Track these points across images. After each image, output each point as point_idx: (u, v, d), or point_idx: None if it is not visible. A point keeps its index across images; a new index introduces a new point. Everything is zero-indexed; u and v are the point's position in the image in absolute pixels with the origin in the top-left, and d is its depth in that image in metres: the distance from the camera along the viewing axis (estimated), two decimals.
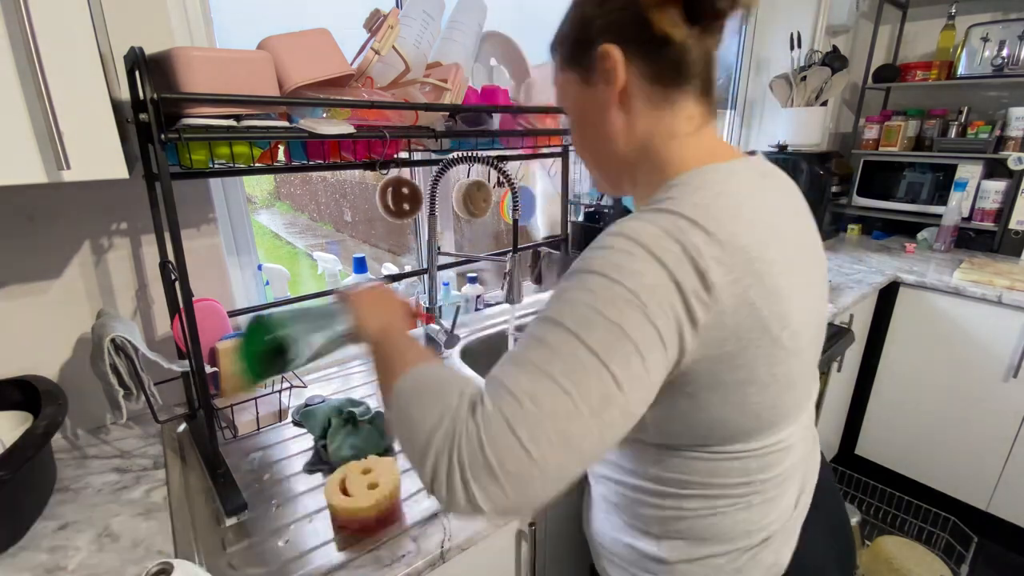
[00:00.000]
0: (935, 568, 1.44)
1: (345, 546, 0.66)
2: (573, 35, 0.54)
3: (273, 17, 1.17)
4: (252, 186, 1.31)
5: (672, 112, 0.52)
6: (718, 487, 0.53)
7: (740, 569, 0.56)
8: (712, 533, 0.55)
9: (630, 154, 0.54)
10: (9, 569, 0.60)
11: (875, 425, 1.95)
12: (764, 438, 0.52)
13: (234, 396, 0.85)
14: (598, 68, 0.51)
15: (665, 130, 0.52)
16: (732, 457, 0.52)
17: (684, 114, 0.52)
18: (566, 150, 1.42)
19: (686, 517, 0.55)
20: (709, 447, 0.51)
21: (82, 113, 0.58)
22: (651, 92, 0.51)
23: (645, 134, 0.52)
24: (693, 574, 0.57)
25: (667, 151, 0.52)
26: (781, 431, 0.53)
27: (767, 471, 0.54)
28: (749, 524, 0.55)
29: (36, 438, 0.62)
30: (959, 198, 1.94)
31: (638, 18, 0.48)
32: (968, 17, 2.00)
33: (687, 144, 0.52)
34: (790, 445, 0.56)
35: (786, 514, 0.58)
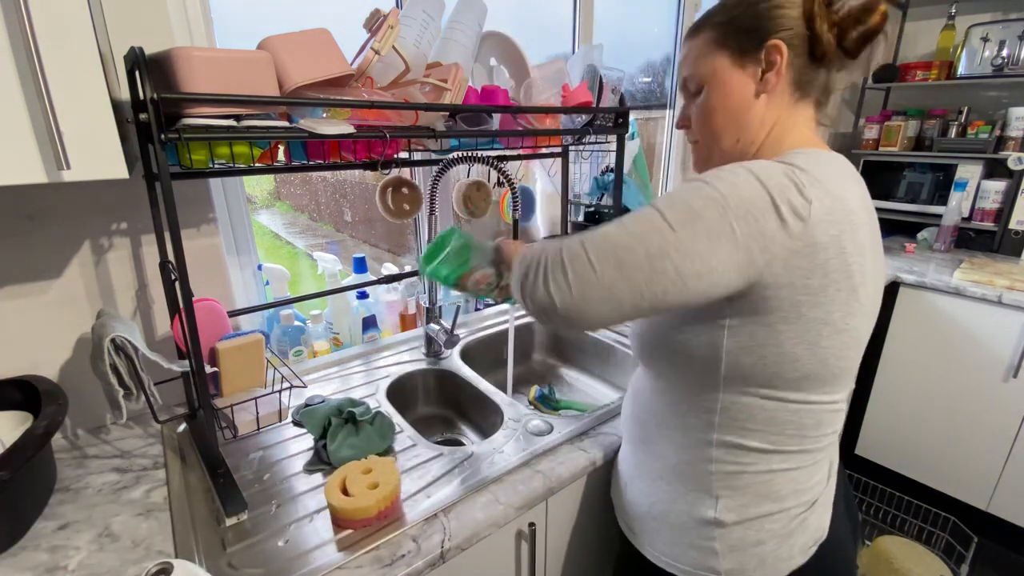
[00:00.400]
0: (935, 568, 1.44)
1: (345, 546, 0.66)
2: (747, 22, 0.59)
3: (273, 17, 1.17)
4: (252, 186, 1.31)
5: (799, 112, 0.61)
6: (775, 438, 0.58)
7: (792, 532, 0.61)
8: (767, 491, 0.60)
9: (758, 137, 0.61)
10: (9, 569, 0.60)
11: (875, 425, 1.95)
12: (825, 392, 0.57)
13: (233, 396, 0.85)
14: (762, 57, 0.59)
15: (791, 123, 0.61)
16: (792, 406, 0.57)
17: (805, 115, 0.61)
18: (566, 150, 1.42)
19: (744, 472, 0.60)
20: (775, 389, 0.56)
21: (82, 113, 0.58)
22: (791, 92, 0.60)
23: (775, 124, 0.61)
24: (748, 539, 0.61)
25: (787, 136, 0.60)
26: (837, 391, 0.59)
27: (818, 429, 0.60)
28: (798, 483, 0.61)
29: (36, 438, 0.62)
30: (959, 198, 1.94)
31: (810, 32, 0.57)
32: (968, 17, 2.00)
33: (803, 135, 0.61)
34: (840, 411, 0.61)
35: (823, 481, 0.63)
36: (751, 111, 0.60)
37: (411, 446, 0.87)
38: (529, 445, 0.85)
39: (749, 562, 0.61)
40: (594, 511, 0.89)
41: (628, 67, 1.51)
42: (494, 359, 1.27)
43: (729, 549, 0.61)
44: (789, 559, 0.61)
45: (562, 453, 0.84)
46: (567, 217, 1.53)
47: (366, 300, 1.25)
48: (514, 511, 0.73)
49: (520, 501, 0.74)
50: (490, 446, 0.86)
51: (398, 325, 1.34)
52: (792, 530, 0.61)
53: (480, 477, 0.78)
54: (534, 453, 0.83)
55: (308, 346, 1.17)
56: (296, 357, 1.14)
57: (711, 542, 0.62)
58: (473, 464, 0.81)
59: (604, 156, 1.65)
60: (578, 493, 0.85)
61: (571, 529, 0.87)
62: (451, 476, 0.79)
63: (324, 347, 1.18)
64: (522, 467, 0.81)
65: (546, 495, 0.77)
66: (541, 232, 1.69)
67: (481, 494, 0.75)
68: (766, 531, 0.60)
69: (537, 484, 0.77)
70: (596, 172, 1.67)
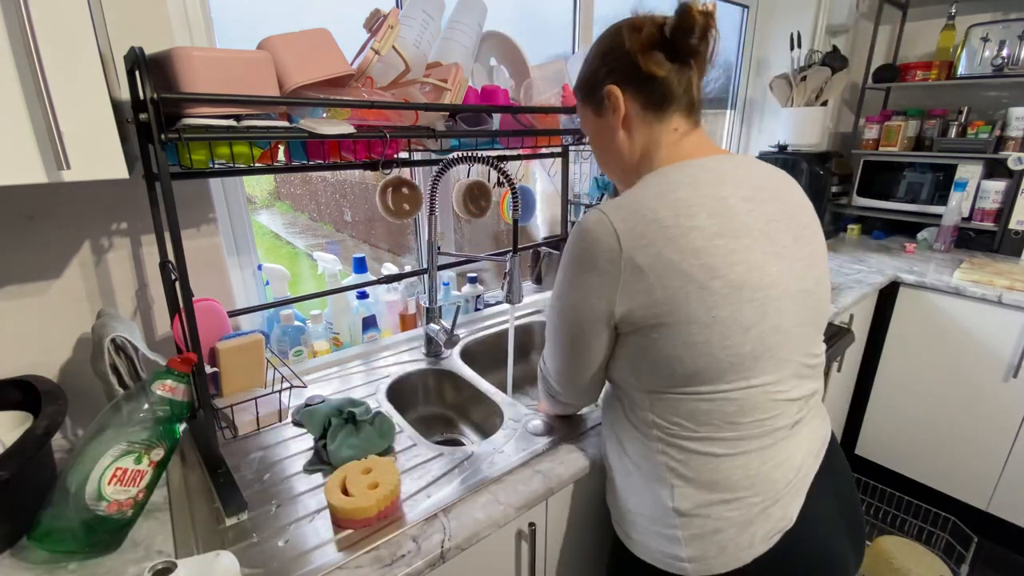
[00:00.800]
0: (935, 568, 1.44)
1: (345, 546, 0.66)
2: (587, 80, 0.72)
3: (273, 17, 1.17)
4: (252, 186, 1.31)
5: (660, 127, 0.69)
6: (705, 427, 0.62)
7: (751, 520, 0.62)
8: (716, 478, 0.63)
9: (631, 162, 0.71)
10: (9, 568, 0.60)
11: (875, 425, 1.95)
12: (732, 381, 0.61)
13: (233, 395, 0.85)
14: (606, 103, 0.69)
15: (654, 141, 0.69)
16: (705, 398, 0.61)
17: (670, 127, 0.69)
18: (566, 150, 1.42)
19: (688, 460, 0.64)
20: (681, 387, 0.62)
21: (82, 113, 0.58)
22: (644, 115, 0.68)
23: (642, 146, 0.70)
24: (707, 527, 0.63)
25: (655, 156, 0.69)
26: (752, 377, 0.61)
27: (748, 415, 0.62)
28: (749, 470, 0.63)
29: (36, 438, 0.62)
30: (959, 198, 1.94)
31: (631, 63, 0.66)
32: (968, 17, 2.00)
33: (670, 150, 0.69)
34: (770, 395, 0.62)
35: (790, 471, 0.64)
36: (619, 144, 0.71)
37: (411, 446, 0.87)
38: (529, 445, 0.86)
39: (709, 549, 0.63)
40: (594, 511, 0.89)
41: None
42: (494, 359, 1.27)
43: (690, 537, 0.63)
44: (750, 547, 0.62)
45: (562, 453, 0.84)
46: (567, 217, 1.53)
47: (366, 300, 1.25)
48: (514, 511, 0.73)
49: (520, 501, 0.74)
50: (490, 446, 0.86)
51: (398, 325, 1.34)
52: (751, 518, 0.62)
53: (480, 477, 0.78)
54: (534, 453, 0.84)
55: (308, 346, 1.17)
56: (296, 357, 1.14)
57: (674, 530, 0.64)
58: (473, 464, 0.81)
59: None
60: (578, 493, 0.85)
61: (571, 529, 0.87)
62: (451, 476, 0.79)
63: (324, 347, 1.18)
64: (522, 467, 0.81)
65: (546, 495, 0.77)
66: (541, 232, 1.69)
67: (481, 494, 0.75)
68: (724, 519, 0.62)
69: (537, 484, 0.77)
70: (596, 172, 1.67)
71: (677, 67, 0.65)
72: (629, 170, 0.72)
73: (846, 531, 0.70)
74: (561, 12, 1.67)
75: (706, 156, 0.66)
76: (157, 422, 0.64)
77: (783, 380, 0.64)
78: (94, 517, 0.60)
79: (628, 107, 0.68)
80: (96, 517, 0.60)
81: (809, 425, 0.69)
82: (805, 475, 0.66)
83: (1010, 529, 1.69)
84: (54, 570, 0.60)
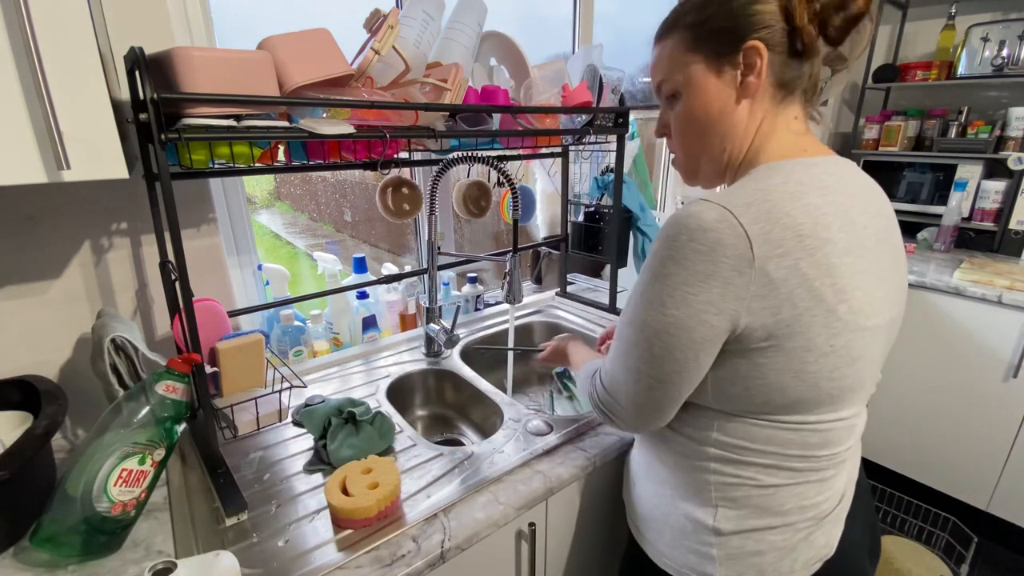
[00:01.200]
0: (935, 568, 1.44)
1: (345, 546, 0.66)
2: (721, 23, 0.56)
3: (273, 17, 1.17)
4: (252, 186, 1.31)
5: (784, 112, 0.58)
6: (776, 456, 0.56)
7: (795, 547, 0.59)
8: (768, 504, 0.58)
9: (744, 143, 0.59)
10: (9, 568, 0.60)
11: (875, 425, 1.95)
12: (824, 412, 0.55)
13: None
14: (740, 60, 0.56)
15: (773, 126, 0.58)
16: (791, 428, 0.55)
17: (791, 115, 0.59)
18: (566, 150, 1.42)
19: (744, 484, 0.58)
20: (768, 415, 0.55)
21: (82, 113, 0.57)
22: (774, 92, 0.57)
23: (761, 127, 0.58)
24: (746, 549, 0.59)
25: (769, 144, 0.58)
26: (842, 409, 0.56)
27: (827, 448, 0.57)
28: (803, 500, 0.58)
29: (36, 438, 0.62)
30: (959, 198, 1.94)
31: (789, 28, 0.55)
32: (968, 17, 2.00)
33: (787, 140, 0.58)
34: (852, 426, 0.59)
35: (836, 497, 0.61)
36: (733, 118, 0.58)
37: (411, 446, 0.87)
38: (529, 445, 0.85)
39: (747, 572, 0.59)
40: (594, 511, 0.89)
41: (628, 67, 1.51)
42: (494, 359, 1.27)
43: (726, 557, 0.60)
44: (790, 573, 0.59)
45: (562, 453, 0.84)
46: (567, 217, 1.53)
47: (366, 300, 1.25)
48: (514, 511, 0.73)
49: (520, 501, 0.74)
50: (490, 446, 0.86)
51: (398, 325, 1.34)
52: (795, 544, 0.59)
53: (480, 477, 0.78)
54: (534, 453, 0.83)
55: (308, 346, 1.17)
56: (296, 357, 1.14)
57: (709, 548, 0.60)
58: (473, 464, 0.81)
59: (604, 156, 1.65)
60: (578, 493, 0.85)
61: (571, 529, 0.87)
62: (451, 476, 0.79)
63: (324, 347, 1.18)
64: (522, 467, 0.81)
65: (546, 495, 0.77)
66: (541, 232, 1.69)
67: (481, 494, 0.75)
68: (767, 543, 0.59)
69: (537, 484, 0.77)
70: (596, 172, 1.67)
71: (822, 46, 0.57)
72: (735, 153, 0.59)
73: (868, 550, 0.69)
74: (561, 12, 1.67)
75: (822, 155, 0.58)
76: (158, 422, 0.65)
77: (860, 412, 0.61)
78: (99, 518, 0.60)
79: (764, 75, 0.56)
80: (101, 518, 0.60)
81: (854, 451, 0.65)
82: (846, 502, 0.63)
83: (1010, 529, 1.69)
84: (54, 570, 0.60)
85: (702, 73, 0.58)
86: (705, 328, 0.51)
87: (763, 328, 0.50)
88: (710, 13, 0.56)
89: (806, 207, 0.51)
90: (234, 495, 0.72)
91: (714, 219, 0.49)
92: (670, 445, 0.64)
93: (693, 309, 0.51)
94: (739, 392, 0.54)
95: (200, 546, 0.67)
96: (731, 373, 0.54)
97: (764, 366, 0.52)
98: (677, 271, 0.51)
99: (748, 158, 0.59)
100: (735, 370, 0.53)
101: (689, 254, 0.50)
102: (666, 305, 0.52)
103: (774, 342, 0.51)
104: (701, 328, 0.51)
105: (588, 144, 1.32)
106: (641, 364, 0.56)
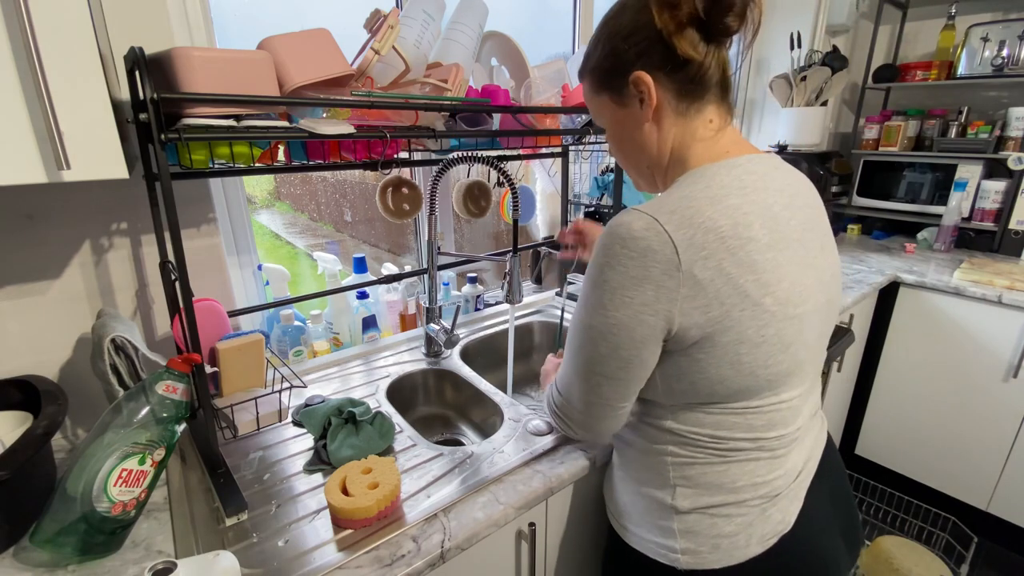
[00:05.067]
0: (935, 568, 1.44)
1: (345, 546, 0.66)
2: (606, 65, 0.62)
3: (273, 17, 1.17)
4: (252, 186, 1.31)
5: (696, 119, 0.61)
6: (726, 439, 0.61)
7: (750, 523, 0.62)
8: (720, 482, 0.62)
9: (662, 158, 0.64)
10: (9, 569, 0.60)
11: (875, 425, 1.95)
12: (766, 397, 0.59)
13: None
14: (632, 92, 0.60)
15: (690, 135, 0.61)
16: (736, 413, 0.59)
17: (705, 119, 0.61)
18: (566, 150, 1.42)
19: (696, 464, 0.62)
20: (714, 404, 0.59)
21: (82, 113, 0.58)
22: (677, 105, 0.60)
23: (674, 141, 0.62)
24: (703, 524, 0.62)
25: (689, 152, 0.62)
26: (783, 392, 0.60)
27: (773, 429, 0.61)
28: (755, 477, 0.62)
29: (36, 438, 0.62)
30: (959, 198, 1.94)
31: (663, 46, 0.57)
32: (968, 17, 2.00)
33: (705, 146, 0.61)
34: (795, 408, 0.62)
35: (791, 475, 0.64)
36: (646, 138, 0.63)
37: (411, 446, 0.87)
38: (529, 445, 0.85)
39: (703, 545, 0.63)
40: (594, 511, 0.89)
41: None
42: (494, 359, 1.27)
43: (686, 530, 0.63)
44: (746, 547, 0.62)
45: (562, 453, 0.84)
46: (567, 217, 1.53)
47: (366, 300, 1.25)
48: (514, 511, 0.73)
49: (520, 501, 0.74)
50: (490, 446, 0.86)
51: (398, 325, 1.34)
52: (751, 521, 0.62)
53: (480, 477, 0.78)
54: (534, 453, 0.83)
55: (308, 346, 1.17)
56: (296, 357, 1.14)
57: (670, 523, 0.64)
58: (473, 464, 0.81)
59: (604, 156, 1.65)
60: (578, 493, 0.85)
61: (571, 529, 0.87)
62: (451, 476, 0.79)
63: (324, 347, 1.18)
64: (522, 467, 0.81)
65: (546, 495, 0.77)
66: (541, 232, 1.69)
67: (481, 494, 0.75)
68: (722, 518, 0.62)
69: (537, 484, 0.77)
70: (596, 172, 1.67)
71: (713, 48, 0.58)
72: (657, 167, 0.64)
73: (840, 531, 0.70)
74: (561, 12, 1.68)
75: (744, 155, 0.61)
76: (158, 422, 0.65)
77: (804, 393, 0.64)
78: (99, 518, 0.60)
79: (659, 96, 0.59)
80: (101, 518, 0.60)
81: (811, 432, 0.69)
82: (804, 479, 0.66)
83: (1010, 529, 1.69)
84: (54, 570, 0.60)
85: (611, 109, 0.65)
86: (644, 328, 0.55)
87: (697, 327, 0.54)
88: (600, 58, 0.63)
89: (726, 209, 0.54)
90: (234, 495, 0.72)
91: (642, 227, 0.53)
92: (632, 435, 0.69)
93: (632, 310, 0.55)
94: (685, 387, 0.59)
95: (200, 546, 0.67)
96: (676, 370, 0.58)
97: (703, 361, 0.56)
98: (613, 276, 0.55)
99: (672, 167, 0.63)
100: (679, 367, 0.58)
101: (624, 260, 0.54)
102: (607, 308, 0.56)
103: (708, 338, 0.55)
104: (640, 328, 0.55)
105: (588, 144, 1.32)
106: (591, 363, 0.61)
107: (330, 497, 0.68)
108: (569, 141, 1.35)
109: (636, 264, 0.53)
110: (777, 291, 0.55)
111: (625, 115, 0.63)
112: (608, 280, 0.56)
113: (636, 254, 0.53)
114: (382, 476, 0.71)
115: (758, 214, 0.55)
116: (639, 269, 0.53)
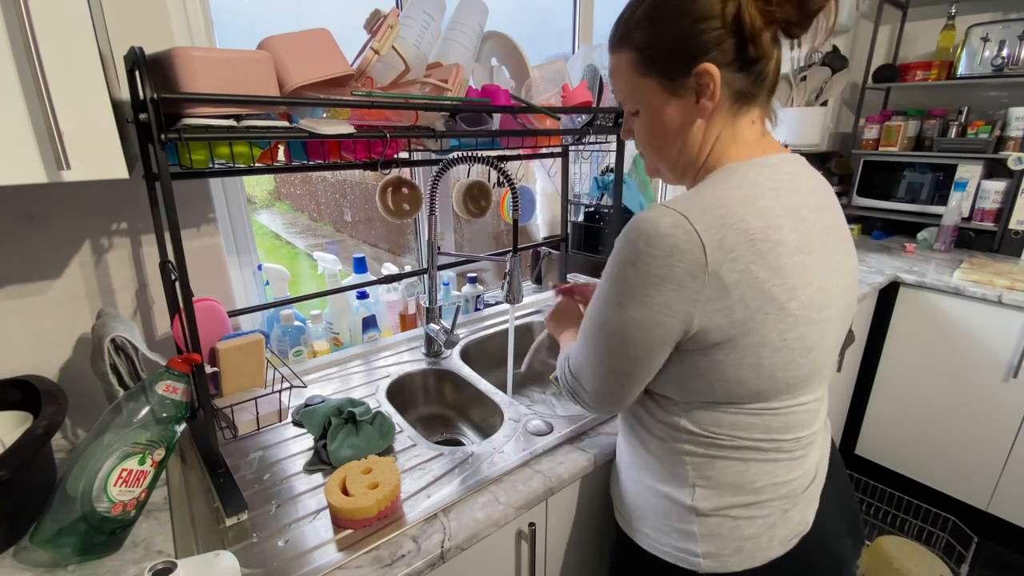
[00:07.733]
0: (935, 568, 1.44)
1: (345, 546, 0.66)
2: (666, 47, 0.56)
3: (273, 17, 1.17)
4: (252, 186, 1.31)
5: (743, 119, 0.59)
6: (744, 439, 0.60)
7: (772, 524, 0.61)
8: (742, 481, 0.61)
9: (700, 157, 0.60)
10: (9, 568, 0.60)
11: (875, 425, 1.95)
12: (784, 400, 0.58)
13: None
14: (691, 84, 0.56)
15: (732, 134, 0.59)
16: (754, 413, 0.58)
17: (749, 120, 0.59)
18: (566, 150, 1.42)
19: (716, 462, 0.61)
20: (731, 404, 0.58)
21: (82, 113, 0.58)
22: (732, 106, 0.57)
23: (716, 138, 0.59)
24: (725, 526, 0.61)
25: (728, 150, 0.59)
26: (801, 395, 0.60)
27: (791, 431, 0.60)
28: (775, 477, 0.61)
29: (36, 438, 0.62)
30: (959, 198, 1.94)
31: (739, 39, 0.53)
32: (968, 17, 2.00)
33: (746, 145, 0.59)
34: (812, 411, 0.62)
35: (809, 476, 0.64)
36: (690, 134, 0.59)
37: (411, 446, 0.87)
38: (529, 445, 0.85)
39: (726, 547, 0.62)
40: (594, 511, 0.89)
41: None
42: (494, 359, 1.27)
43: (707, 533, 0.62)
44: (768, 549, 0.61)
45: (562, 453, 0.84)
46: (567, 217, 1.53)
47: (366, 300, 1.25)
48: (514, 511, 0.73)
49: (520, 501, 0.74)
50: (490, 446, 0.86)
51: (398, 325, 1.34)
52: (772, 522, 0.61)
53: (480, 477, 0.78)
54: (534, 453, 0.83)
55: (308, 346, 1.17)
56: (296, 357, 1.14)
57: (690, 526, 0.63)
58: (473, 464, 0.81)
59: (604, 156, 1.65)
60: (578, 493, 0.85)
61: (571, 529, 0.87)
62: (451, 476, 0.79)
63: (324, 347, 1.18)
64: (522, 467, 0.81)
65: (546, 495, 0.77)
66: (541, 232, 1.69)
67: (481, 494, 0.75)
68: (744, 520, 0.61)
69: (537, 484, 0.77)
70: (596, 172, 1.67)
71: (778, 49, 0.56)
72: (691, 164, 0.61)
73: (847, 531, 0.70)
74: (561, 12, 1.68)
75: (777, 153, 0.59)
76: (158, 422, 0.65)
77: (821, 397, 0.64)
78: (99, 518, 0.60)
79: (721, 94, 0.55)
80: (101, 518, 0.60)
81: (822, 434, 0.68)
82: (820, 481, 0.66)
83: (1010, 529, 1.69)
84: (54, 570, 0.60)
85: (657, 96, 0.59)
86: (661, 329, 0.54)
87: (718, 328, 0.53)
88: (657, 36, 0.56)
89: (759, 211, 0.53)
90: (234, 495, 0.72)
91: (670, 225, 0.51)
92: (647, 434, 0.67)
93: (650, 310, 0.53)
94: (702, 386, 0.57)
95: (200, 546, 0.67)
96: (692, 369, 0.57)
97: (723, 363, 0.55)
98: (635, 275, 0.53)
99: (707, 164, 0.60)
100: (696, 366, 0.56)
101: (646, 259, 0.52)
102: (624, 306, 0.55)
103: (730, 340, 0.53)
104: (657, 329, 0.54)
105: (588, 144, 1.32)
106: (602, 355, 0.61)
107: (330, 497, 0.68)
108: (569, 141, 1.35)
109: (659, 263, 0.51)
110: (803, 296, 0.54)
111: (673, 106, 0.58)
112: (629, 278, 0.54)
113: (661, 252, 0.51)
114: (382, 476, 0.71)
115: (788, 217, 0.54)
116: (662, 268, 0.51)
